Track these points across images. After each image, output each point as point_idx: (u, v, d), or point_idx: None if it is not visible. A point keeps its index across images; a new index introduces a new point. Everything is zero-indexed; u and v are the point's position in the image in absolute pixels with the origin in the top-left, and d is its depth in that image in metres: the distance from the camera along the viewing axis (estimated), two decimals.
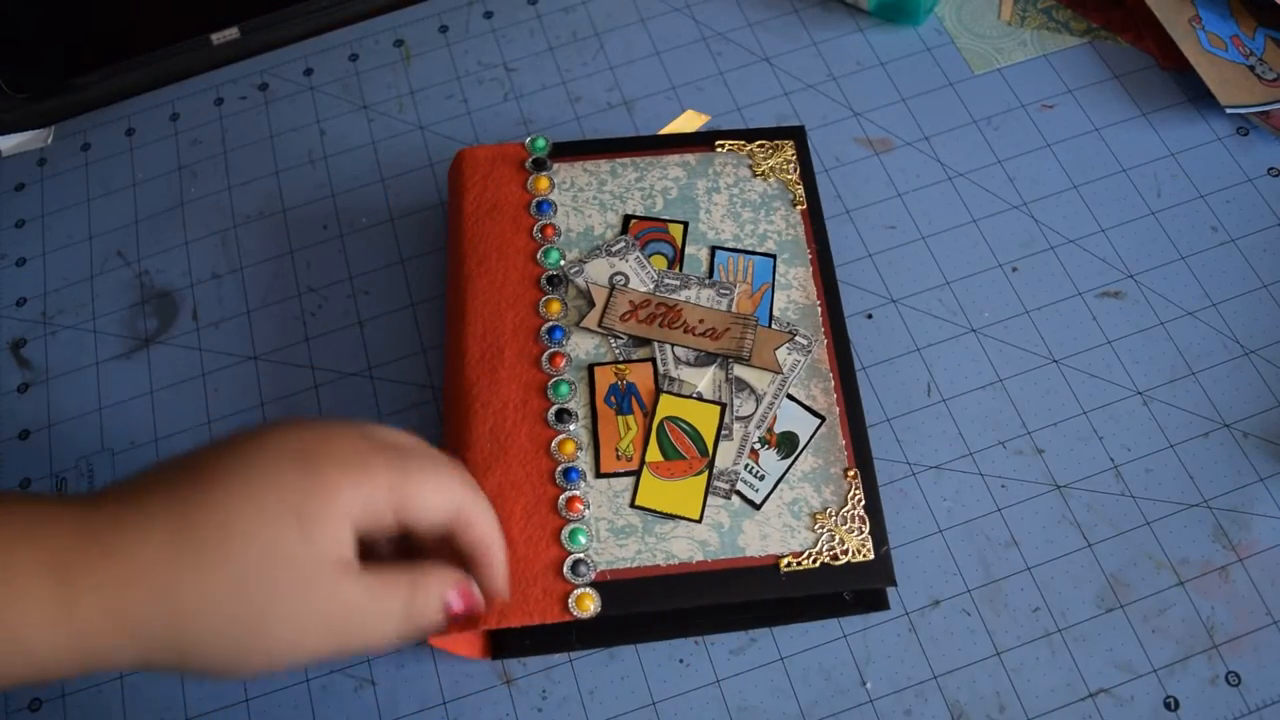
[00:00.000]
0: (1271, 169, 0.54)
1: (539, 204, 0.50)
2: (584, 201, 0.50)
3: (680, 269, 0.48)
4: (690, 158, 0.51)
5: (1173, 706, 0.43)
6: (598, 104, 0.60)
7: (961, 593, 0.46)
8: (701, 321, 0.46)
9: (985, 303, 0.52)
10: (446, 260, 0.53)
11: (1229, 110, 0.54)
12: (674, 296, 0.47)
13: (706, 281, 0.48)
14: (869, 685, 0.45)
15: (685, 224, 0.49)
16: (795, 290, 0.48)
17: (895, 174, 0.56)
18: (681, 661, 0.46)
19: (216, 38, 0.65)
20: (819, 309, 0.48)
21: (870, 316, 0.52)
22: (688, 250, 0.49)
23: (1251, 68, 0.55)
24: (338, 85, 0.63)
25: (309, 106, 0.62)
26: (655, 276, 0.48)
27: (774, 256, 0.49)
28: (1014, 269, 0.53)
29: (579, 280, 0.48)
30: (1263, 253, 0.52)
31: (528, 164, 0.51)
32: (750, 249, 0.49)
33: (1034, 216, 0.54)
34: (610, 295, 0.47)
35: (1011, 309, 0.52)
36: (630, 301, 0.47)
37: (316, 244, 0.57)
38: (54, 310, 0.57)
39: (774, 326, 0.47)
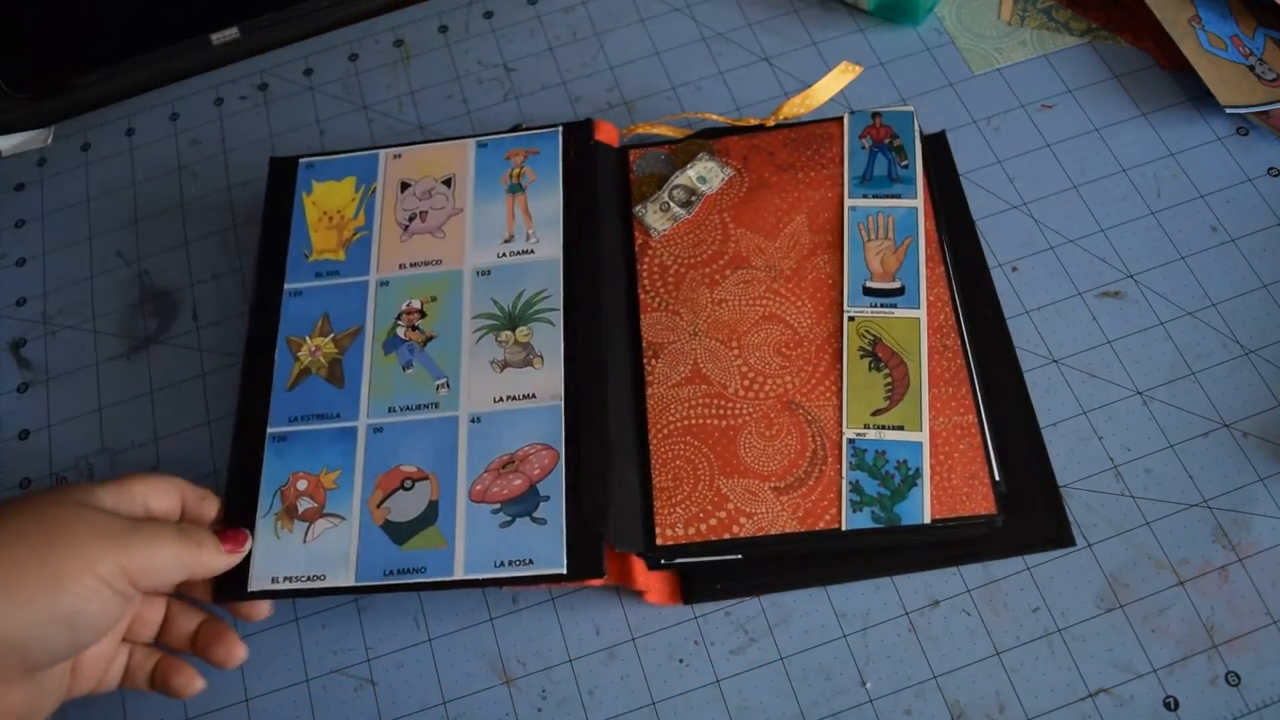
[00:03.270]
0: (1271, 169, 0.54)
1: None
2: None
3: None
4: None
5: (1172, 706, 0.43)
6: (598, 104, 0.60)
7: (961, 593, 0.46)
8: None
9: None
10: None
11: (1229, 110, 0.54)
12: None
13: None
14: (869, 685, 0.45)
15: None
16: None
17: None
18: (681, 661, 0.46)
19: (216, 38, 0.65)
20: None
21: None
22: None
23: (1251, 68, 0.55)
24: (338, 85, 0.63)
25: (309, 106, 0.62)
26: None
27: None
28: (1014, 269, 0.53)
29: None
30: (1263, 253, 0.52)
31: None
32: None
33: (1034, 216, 0.54)
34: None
35: (1011, 309, 0.52)
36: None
37: None
38: (54, 310, 0.57)
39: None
